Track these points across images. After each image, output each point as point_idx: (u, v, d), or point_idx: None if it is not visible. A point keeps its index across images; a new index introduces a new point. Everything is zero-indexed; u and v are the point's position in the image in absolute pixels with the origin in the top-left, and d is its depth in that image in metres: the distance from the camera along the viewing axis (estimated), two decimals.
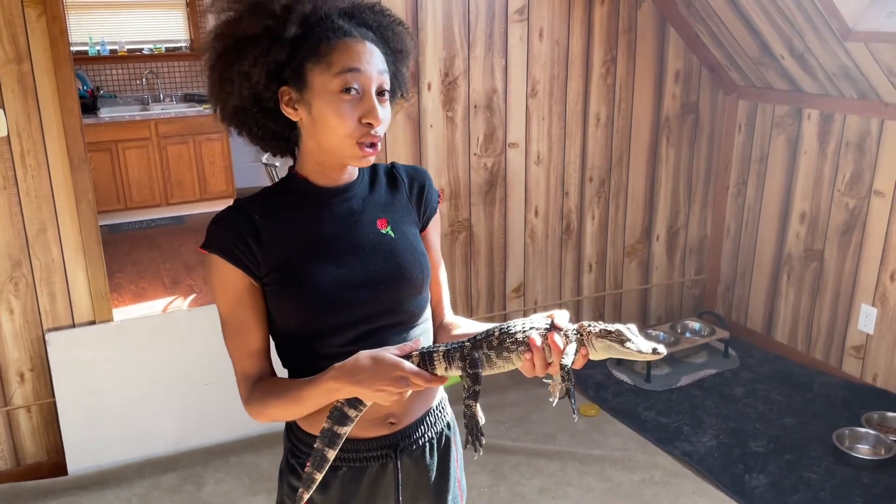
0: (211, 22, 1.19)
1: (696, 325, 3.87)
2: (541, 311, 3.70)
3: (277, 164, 4.21)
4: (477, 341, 1.16)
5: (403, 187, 1.33)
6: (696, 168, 3.95)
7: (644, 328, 3.92)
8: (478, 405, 1.23)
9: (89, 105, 5.68)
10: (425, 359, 1.15)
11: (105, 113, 5.59)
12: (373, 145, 1.17)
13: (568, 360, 1.10)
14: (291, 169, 1.27)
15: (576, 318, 3.82)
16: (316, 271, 1.20)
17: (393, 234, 1.27)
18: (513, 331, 1.15)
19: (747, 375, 3.63)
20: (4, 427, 2.83)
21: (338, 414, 1.17)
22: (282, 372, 1.29)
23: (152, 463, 2.99)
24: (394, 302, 1.25)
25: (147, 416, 3.00)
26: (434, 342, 1.37)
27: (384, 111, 1.18)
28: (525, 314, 3.70)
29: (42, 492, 2.82)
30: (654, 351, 1.09)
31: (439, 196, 1.38)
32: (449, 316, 1.41)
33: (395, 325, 1.26)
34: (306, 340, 1.23)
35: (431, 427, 1.34)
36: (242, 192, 6.25)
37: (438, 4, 3.15)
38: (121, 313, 3.11)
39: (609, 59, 3.57)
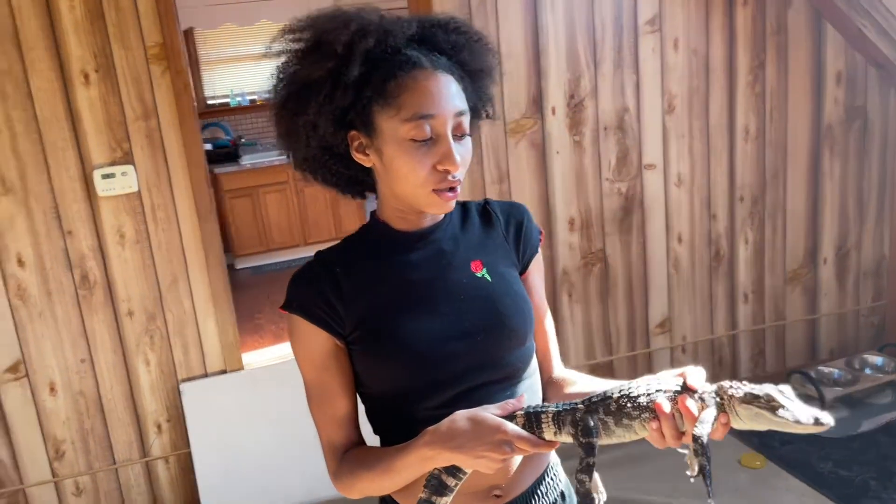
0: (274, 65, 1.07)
1: (877, 359, 3.36)
2: (690, 348, 3.38)
3: None
4: (592, 404, 0.97)
5: (499, 225, 1.17)
6: (867, 180, 3.46)
7: (814, 364, 3.46)
8: (595, 478, 1.03)
9: (232, 153, 5.94)
10: (532, 420, 0.98)
11: (246, 160, 5.81)
12: (452, 189, 1.02)
13: (703, 430, 0.88)
14: (373, 214, 1.14)
15: (731, 355, 3.44)
16: (406, 323, 1.06)
17: (490, 278, 1.11)
18: (635, 393, 0.95)
19: None
20: (144, 477, 2.87)
21: (435, 483, 1.01)
22: (373, 440, 1.14)
23: None
24: (494, 355, 1.09)
25: (280, 465, 2.95)
26: (543, 401, 1.18)
27: (464, 150, 1.03)
28: (672, 351, 3.37)
29: None
30: (817, 421, 0.85)
31: (541, 234, 1.20)
32: (559, 370, 1.22)
33: (497, 382, 1.09)
34: (398, 402, 1.09)
35: (543, 497, 1.16)
36: None
37: (560, 24, 2.95)
38: (258, 356, 3.08)
39: (756, 66, 3.21)
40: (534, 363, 1.17)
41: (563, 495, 1.21)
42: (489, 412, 0.98)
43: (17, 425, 2.70)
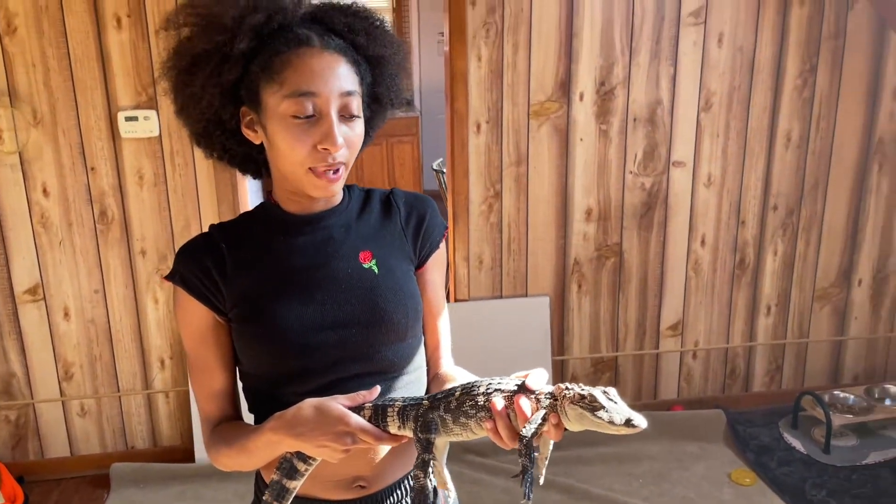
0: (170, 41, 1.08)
1: None
2: (702, 354, 3.29)
3: (445, 170, 4.14)
4: (436, 400, 0.98)
5: (398, 217, 1.16)
6: None
7: (834, 387, 3.31)
8: (444, 473, 1.04)
9: None
10: (378, 413, 0.99)
11: None
12: (335, 172, 1.02)
13: (529, 430, 0.88)
14: (269, 194, 1.15)
15: (746, 367, 3.34)
16: (279, 308, 1.07)
17: (377, 270, 1.11)
18: (475, 392, 0.95)
19: None
20: (145, 408, 3.02)
21: (287, 466, 1.03)
22: (248, 417, 1.16)
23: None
24: (369, 348, 1.08)
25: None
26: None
27: (351, 132, 1.03)
28: (682, 356, 3.29)
29: (170, 475, 2.96)
30: (629, 423, 0.85)
31: (445, 230, 1.19)
32: (447, 366, 1.20)
33: (370, 375, 1.09)
34: (269, 384, 1.10)
35: (412, 491, 1.13)
36: (430, 193, 6.32)
37: (597, 9, 2.86)
38: None
39: (807, 70, 3.04)
40: (419, 359, 1.17)
41: (434, 491, 1.16)
42: (337, 402, 0.97)
43: (31, 344, 2.87)
